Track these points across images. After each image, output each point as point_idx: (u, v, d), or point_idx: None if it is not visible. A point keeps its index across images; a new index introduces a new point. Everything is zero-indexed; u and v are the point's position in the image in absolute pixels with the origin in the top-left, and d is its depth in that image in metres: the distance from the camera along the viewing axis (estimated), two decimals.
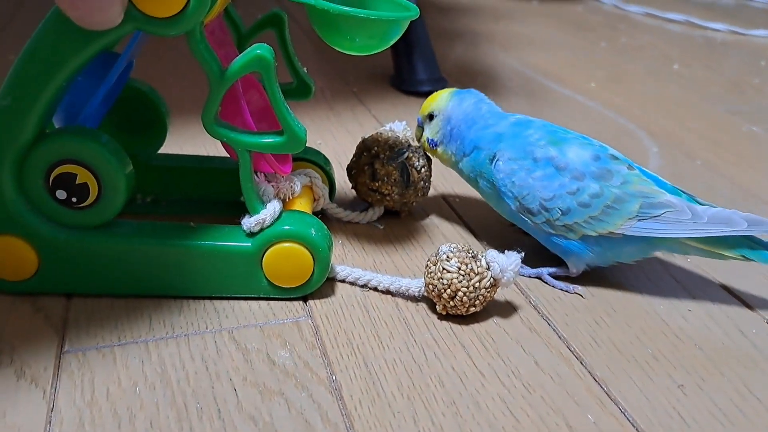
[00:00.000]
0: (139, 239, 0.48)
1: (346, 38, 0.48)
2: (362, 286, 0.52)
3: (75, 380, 0.42)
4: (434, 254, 0.50)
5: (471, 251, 0.50)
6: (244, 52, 0.45)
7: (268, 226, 0.49)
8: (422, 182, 0.59)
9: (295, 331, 0.48)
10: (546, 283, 0.55)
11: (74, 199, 0.46)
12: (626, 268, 0.57)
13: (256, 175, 0.51)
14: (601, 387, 0.45)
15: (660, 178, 0.55)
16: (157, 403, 0.41)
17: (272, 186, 0.51)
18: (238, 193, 0.49)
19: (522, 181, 0.53)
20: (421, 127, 0.60)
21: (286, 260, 0.49)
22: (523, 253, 0.50)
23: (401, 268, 0.55)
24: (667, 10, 1.50)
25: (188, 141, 0.71)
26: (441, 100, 0.59)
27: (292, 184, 0.53)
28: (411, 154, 0.59)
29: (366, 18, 0.47)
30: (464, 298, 0.48)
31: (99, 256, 0.48)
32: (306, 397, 0.42)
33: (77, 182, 0.46)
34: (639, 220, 0.52)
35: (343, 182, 0.66)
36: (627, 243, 0.53)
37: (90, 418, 0.40)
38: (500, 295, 0.53)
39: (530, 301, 0.53)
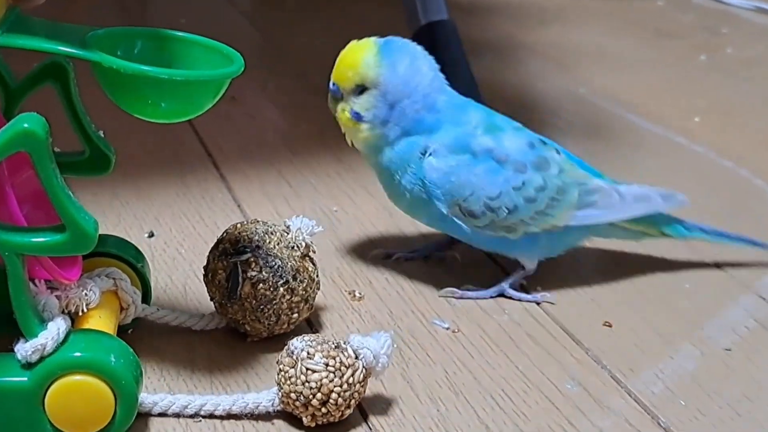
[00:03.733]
0: None
1: (147, 103, 0.53)
2: (193, 416, 0.59)
3: None
4: (286, 354, 0.58)
5: (330, 341, 0.58)
6: (5, 127, 0.50)
7: (51, 354, 0.54)
8: (254, 302, 0.64)
9: None
10: (511, 298, 0.73)
11: None
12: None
13: (34, 283, 0.55)
14: None
15: (577, 158, 0.75)
16: None
17: (57, 296, 0.56)
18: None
19: (463, 180, 0.69)
20: (337, 98, 0.71)
21: (78, 398, 0.54)
22: (391, 332, 0.60)
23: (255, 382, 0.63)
24: None
25: None
26: (369, 64, 0.69)
27: (85, 291, 0.58)
28: (253, 260, 0.64)
29: (169, 79, 0.52)
30: (339, 400, 0.57)
31: None
32: None
33: None
34: (578, 209, 0.72)
35: None
36: (565, 234, 0.74)
37: None
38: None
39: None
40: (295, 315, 0.66)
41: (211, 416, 0.59)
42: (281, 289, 0.64)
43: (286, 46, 1.33)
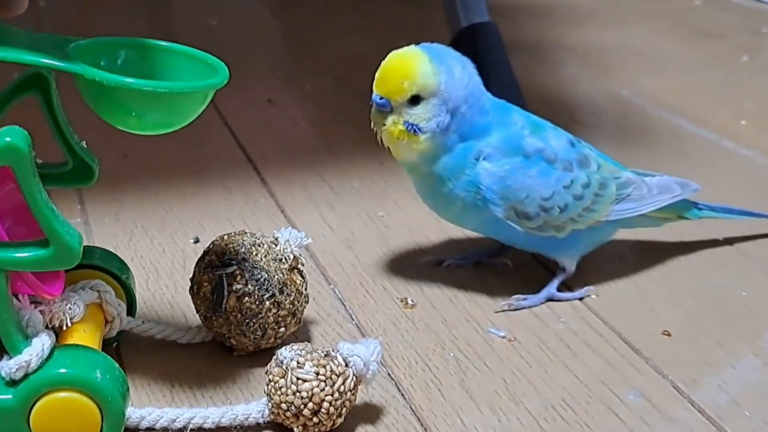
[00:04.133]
0: None
1: (131, 115, 0.54)
2: (181, 429, 0.59)
3: None
4: (274, 364, 0.59)
5: (319, 349, 0.59)
6: None
7: (36, 370, 0.54)
8: (239, 315, 0.64)
9: None
10: (559, 300, 0.75)
11: None
12: None
13: (17, 298, 0.56)
14: None
15: (602, 153, 0.78)
16: None
17: (41, 311, 0.57)
18: None
19: (519, 183, 0.71)
20: (385, 112, 0.70)
21: (63, 415, 0.55)
22: (380, 339, 0.61)
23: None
24: None
25: None
26: (427, 73, 0.69)
27: (69, 305, 0.58)
28: (239, 272, 0.64)
29: (153, 91, 0.53)
30: (330, 408, 0.58)
31: None
32: None
33: None
34: (616, 203, 0.75)
35: None
36: (602, 229, 0.77)
37: None
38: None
39: None
40: (282, 329, 0.66)
41: (200, 429, 0.60)
42: (267, 302, 0.64)
43: (318, 46, 1.34)
